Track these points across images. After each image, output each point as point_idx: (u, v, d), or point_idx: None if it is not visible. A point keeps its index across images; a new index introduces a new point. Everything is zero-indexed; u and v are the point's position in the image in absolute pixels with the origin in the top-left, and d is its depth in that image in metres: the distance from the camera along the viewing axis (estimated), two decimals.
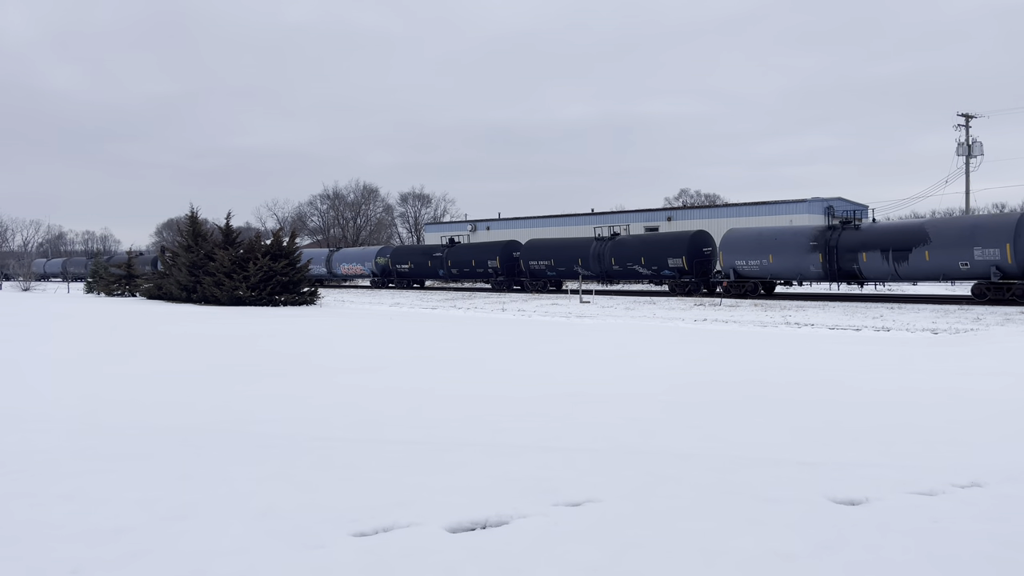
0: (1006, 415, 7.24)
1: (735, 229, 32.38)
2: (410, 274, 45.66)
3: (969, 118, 46.75)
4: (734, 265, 30.12)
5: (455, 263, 41.92)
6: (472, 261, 41.15)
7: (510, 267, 39.89)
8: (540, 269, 38.05)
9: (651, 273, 33.45)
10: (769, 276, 29.51)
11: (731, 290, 30.18)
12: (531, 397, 8.41)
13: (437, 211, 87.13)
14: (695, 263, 31.98)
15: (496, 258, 40.04)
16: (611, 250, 34.94)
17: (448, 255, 42.46)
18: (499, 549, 3.44)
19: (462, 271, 41.85)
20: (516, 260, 39.88)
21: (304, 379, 9.89)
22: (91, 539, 3.52)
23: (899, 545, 3.48)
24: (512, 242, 41.59)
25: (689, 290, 32.10)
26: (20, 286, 49.24)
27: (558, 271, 37.46)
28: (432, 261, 43.45)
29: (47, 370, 10.81)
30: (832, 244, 27.44)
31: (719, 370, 10.34)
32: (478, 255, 41.13)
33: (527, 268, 38.54)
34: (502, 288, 40.24)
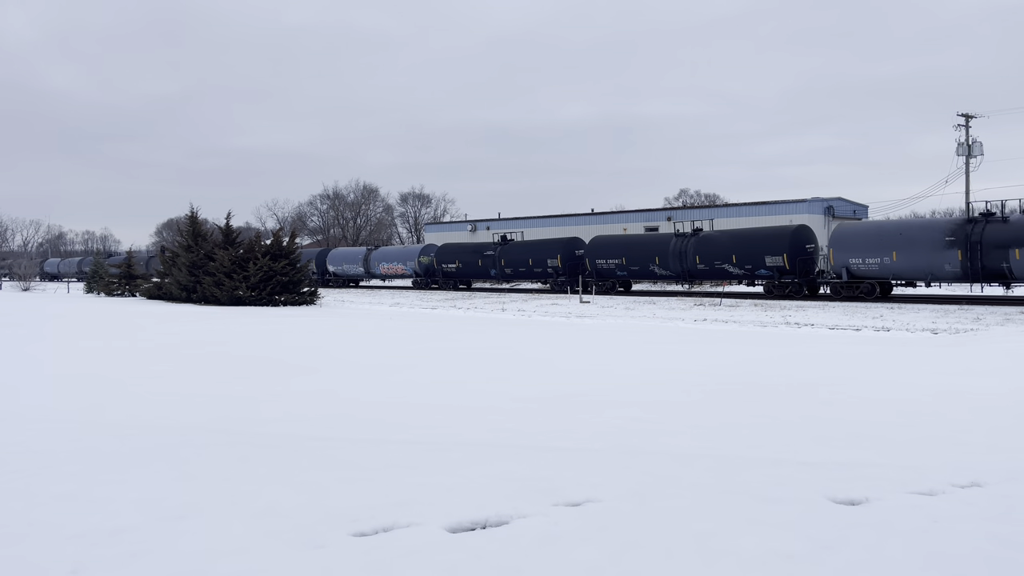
0: (1006, 415, 7.25)
1: (848, 223, 29.63)
2: (457, 274, 42.61)
3: (969, 118, 46.74)
4: (847, 264, 26.49)
5: (509, 262, 38.75)
6: (528, 260, 37.89)
7: (573, 266, 36.31)
8: (608, 268, 34.37)
9: (744, 273, 29.91)
10: (891, 276, 26.12)
11: (841, 292, 26.94)
12: (531, 397, 8.41)
13: (437, 211, 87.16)
14: (797, 261, 28.45)
15: (556, 256, 36.63)
16: (695, 247, 31.27)
17: (501, 253, 39.25)
18: (499, 549, 3.44)
19: (517, 271, 38.70)
20: (580, 259, 36.34)
21: (304, 379, 9.89)
22: (91, 539, 3.52)
23: (899, 545, 3.48)
24: (574, 239, 38.15)
25: (790, 292, 28.68)
26: (20, 286, 49.23)
27: (630, 271, 33.83)
28: (483, 260, 40.25)
29: (47, 370, 10.81)
30: (975, 239, 24.08)
31: (718, 371, 10.34)
32: (535, 253, 37.87)
33: (593, 267, 34.80)
34: (563, 289, 36.59)
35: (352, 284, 50.64)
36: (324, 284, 49.62)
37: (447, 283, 43.38)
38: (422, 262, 44.11)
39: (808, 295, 28.56)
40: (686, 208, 52.80)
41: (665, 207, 58.73)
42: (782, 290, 28.97)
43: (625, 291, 35.38)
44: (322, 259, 51.15)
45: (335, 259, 50.52)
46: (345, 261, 49.79)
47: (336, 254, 51.34)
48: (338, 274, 50.14)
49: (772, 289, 29.33)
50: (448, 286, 43.21)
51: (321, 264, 50.65)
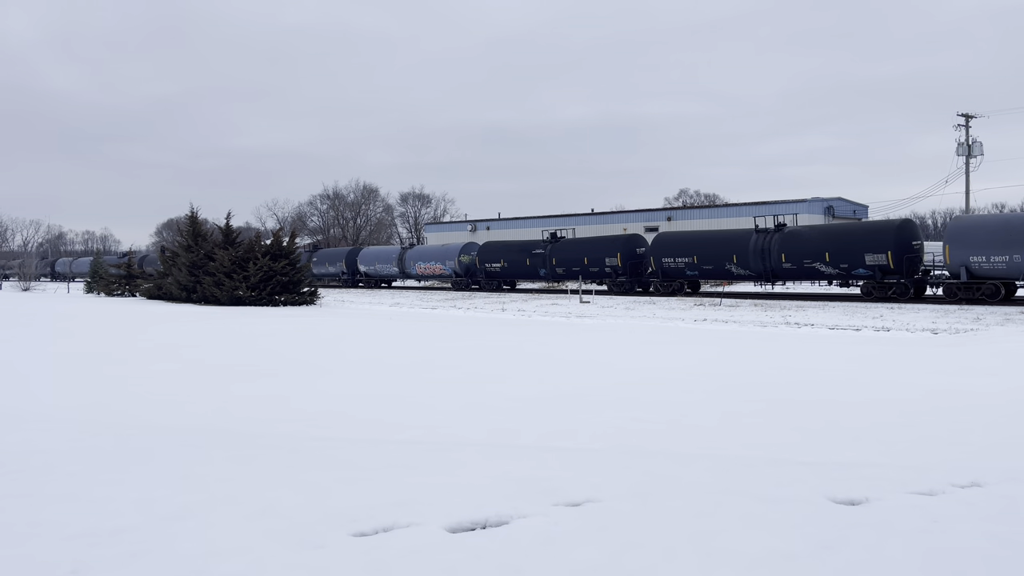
0: (1006, 415, 7.24)
1: (968, 216, 27.44)
2: (502, 274, 39.94)
3: (969, 118, 46.74)
4: (966, 262, 23.76)
5: (561, 261, 36.29)
6: (584, 259, 35.21)
7: (634, 265, 33.87)
8: (677, 268, 31.58)
9: (838, 272, 27.19)
10: (1020, 276, 23.23)
11: (957, 294, 24.09)
12: (531, 397, 8.41)
13: (437, 211, 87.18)
14: (904, 259, 25.85)
15: (616, 255, 33.91)
16: (780, 244, 28.59)
17: (552, 252, 36.79)
18: (499, 549, 3.44)
19: (569, 270, 36.14)
20: (641, 257, 34.01)
21: (304, 379, 9.89)
22: (91, 539, 3.52)
23: (899, 545, 3.48)
24: (635, 236, 35.86)
25: (893, 294, 25.93)
26: (20, 286, 49.20)
27: (702, 270, 31.10)
28: (531, 259, 37.68)
29: (47, 370, 10.81)
30: None
31: (719, 370, 10.34)
32: (592, 251, 35.17)
33: (659, 266, 32.07)
34: (624, 290, 34.13)
35: (384, 284, 48.67)
36: (354, 284, 48.10)
37: (489, 284, 40.71)
38: (462, 261, 41.79)
39: (914, 297, 26.03)
40: (686, 208, 52.79)
41: (665, 207, 58.72)
42: (884, 291, 26.15)
43: (693, 292, 32.84)
44: (353, 258, 48.85)
45: (367, 258, 48.13)
46: (378, 260, 47.45)
47: (368, 253, 49.04)
48: (370, 274, 47.86)
49: (872, 290, 26.51)
50: (490, 287, 40.54)
51: (352, 264, 48.56)
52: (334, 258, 50.27)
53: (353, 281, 48.63)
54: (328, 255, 51.00)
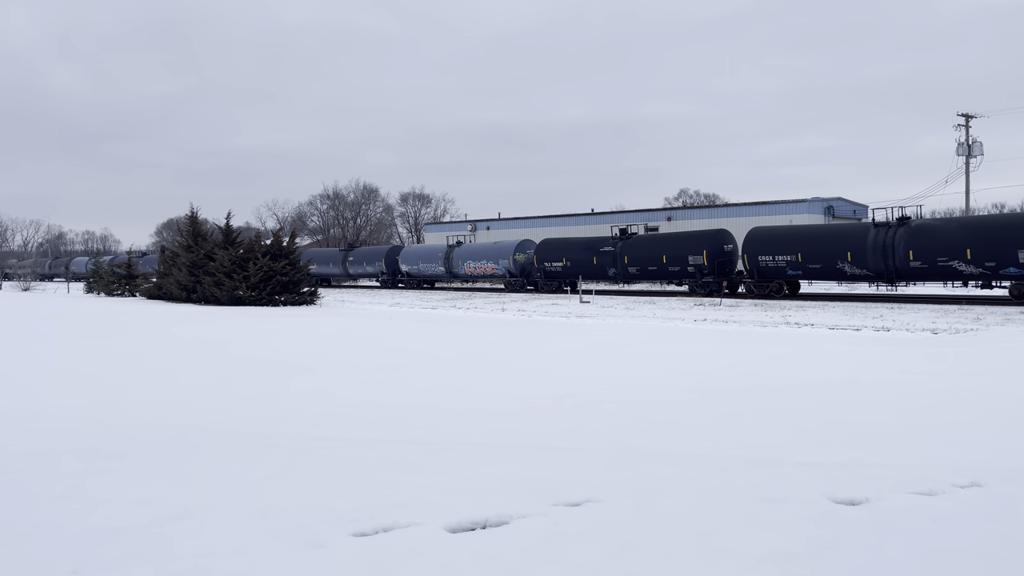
0: (1006, 415, 7.24)
1: None
2: (563, 274, 36.54)
3: (969, 118, 46.74)
4: None
5: (635, 259, 33.04)
6: (662, 256, 31.93)
7: (722, 264, 30.79)
8: (776, 266, 28.35)
9: (981, 272, 23.95)
10: None
11: None
12: (531, 397, 8.41)
13: (437, 211, 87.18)
14: None
15: (702, 252, 30.62)
16: (907, 240, 25.26)
17: (624, 249, 33.55)
18: (499, 549, 3.44)
19: (645, 269, 32.95)
20: (730, 255, 31.12)
21: (303, 379, 9.89)
22: (91, 539, 3.52)
23: (899, 545, 3.48)
24: (722, 231, 32.24)
25: None
26: (20, 286, 49.22)
27: (808, 269, 27.73)
28: (599, 257, 34.45)
29: (47, 370, 10.81)
30: None
31: (718, 371, 10.34)
32: (672, 249, 31.81)
33: (753, 265, 28.94)
34: (709, 291, 30.72)
35: (426, 285, 45.72)
36: (394, 285, 45.77)
37: (548, 284, 37.35)
38: (517, 260, 38.75)
39: None
40: (686, 208, 52.82)
41: (665, 207, 58.74)
42: None
43: (791, 294, 29.16)
44: (393, 257, 46.05)
45: (410, 257, 45.17)
46: (422, 260, 44.39)
47: (411, 252, 46.06)
48: (412, 274, 44.85)
49: None
50: (549, 287, 37.32)
51: (392, 263, 45.86)
52: (372, 257, 47.49)
53: (393, 282, 46.09)
54: (365, 254, 48.34)
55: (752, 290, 29.20)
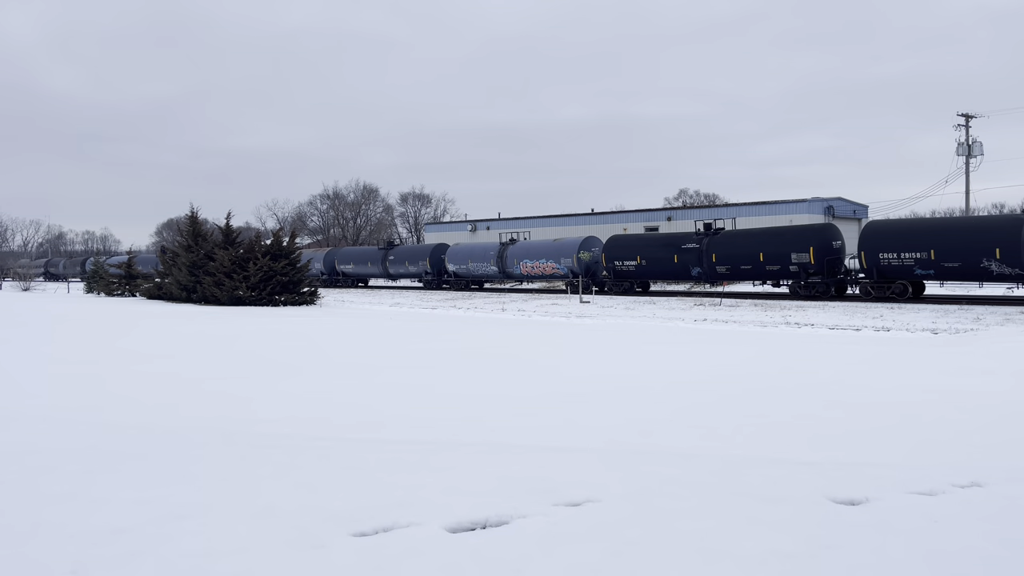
0: (1006, 415, 7.24)
1: None
2: (637, 273, 33.03)
3: (969, 118, 46.74)
4: None
5: (725, 257, 29.55)
6: (759, 254, 28.40)
7: (831, 262, 27.36)
8: (901, 265, 24.85)
9: None
10: None
11: None
12: (531, 397, 8.41)
13: (437, 211, 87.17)
14: None
15: (808, 249, 27.19)
16: None
17: (711, 246, 30.12)
18: (499, 549, 3.44)
19: (736, 268, 29.43)
20: (838, 252, 27.62)
21: (303, 379, 9.89)
22: (91, 539, 3.52)
23: (899, 545, 3.48)
24: (829, 226, 28.77)
25: None
26: (20, 286, 49.21)
27: (942, 268, 24.18)
28: (680, 255, 31.04)
29: (46, 370, 10.81)
30: None
31: (718, 370, 10.34)
32: (772, 245, 28.21)
33: (872, 263, 25.45)
34: (816, 293, 27.22)
35: (475, 286, 42.51)
36: (439, 286, 42.97)
37: (618, 285, 33.67)
38: (582, 259, 35.61)
39: None
40: (686, 208, 52.82)
41: (665, 207, 58.74)
42: None
43: (915, 297, 25.83)
44: (438, 256, 43.17)
45: (458, 256, 42.14)
46: (472, 259, 41.33)
47: (460, 250, 42.63)
48: (460, 274, 41.96)
49: None
50: (619, 289, 33.65)
51: (438, 263, 42.92)
52: (415, 256, 44.70)
53: (438, 283, 43.08)
54: (407, 253, 45.65)
55: (869, 292, 25.69)
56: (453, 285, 42.87)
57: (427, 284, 44.21)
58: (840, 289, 27.56)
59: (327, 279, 49.05)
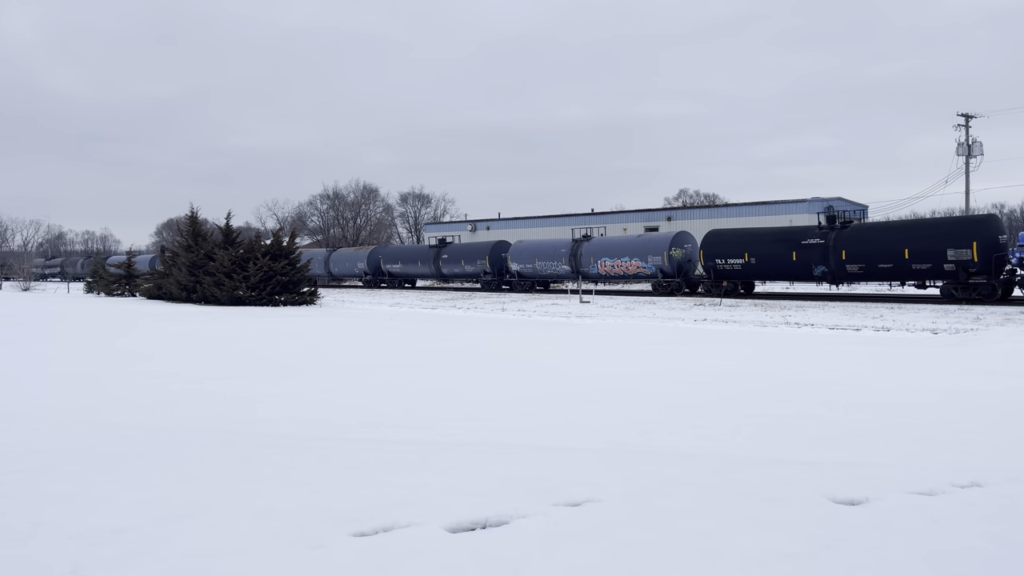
0: (1006, 415, 7.24)
1: None
2: (743, 273, 29.38)
3: (969, 118, 46.74)
4: None
5: (858, 254, 26.05)
6: (903, 251, 24.86)
7: (998, 260, 23.66)
8: None
9: None
10: None
11: None
12: (531, 397, 8.40)
13: (437, 211, 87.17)
14: None
15: (970, 245, 23.49)
16: None
17: (839, 241, 26.59)
18: (499, 549, 3.43)
19: (873, 267, 25.79)
20: (1003, 248, 23.94)
21: (303, 379, 9.89)
22: (91, 539, 3.52)
23: (899, 545, 3.48)
24: (991, 217, 25.30)
25: None
26: (20, 286, 49.20)
27: None
28: (800, 252, 27.49)
29: (46, 370, 10.80)
30: None
31: (718, 371, 10.34)
32: (920, 240, 24.75)
33: None
34: (978, 296, 23.70)
35: (540, 287, 38.90)
36: (499, 287, 39.56)
37: (718, 286, 29.67)
38: (674, 257, 31.70)
39: None
40: (686, 208, 52.82)
41: (665, 207, 58.74)
42: None
43: None
44: (499, 255, 39.31)
45: (523, 254, 37.97)
46: (539, 257, 37.26)
47: (524, 248, 38.31)
48: (526, 274, 38.10)
49: None
50: (719, 291, 29.52)
51: (498, 261, 39.27)
52: (473, 254, 40.77)
53: (499, 283, 39.53)
54: (463, 251, 41.85)
55: None
56: (515, 286, 38.74)
57: (485, 285, 40.54)
58: (1007, 291, 23.62)
59: (370, 279, 47.14)
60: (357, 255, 47.99)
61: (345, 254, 49.94)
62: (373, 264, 47.25)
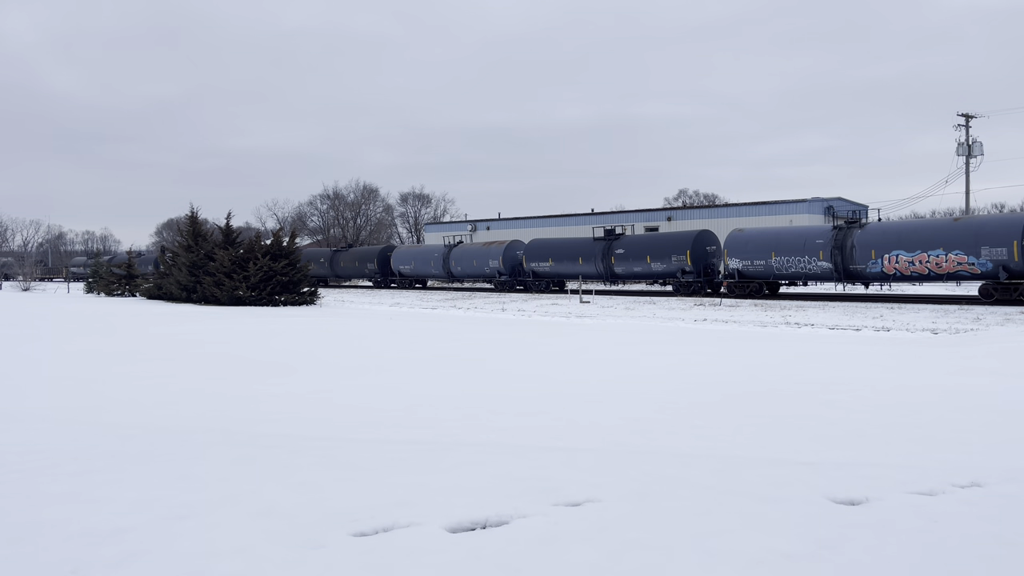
0: (1006, 415, 7.24)
1: None
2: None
3: (969, 118, 46.73)
4: None
5: None
6: None
7: None
8: None
9: None
10: None
11: None
12: (530, 397, 8.40)
13: (437, 211, 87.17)
14: None
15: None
16: None
17: None
18: (499, 549, 3.43)
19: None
20: None
21: (303, 379, 9.89)
22: (91, 539, 3.52)
23: (899, 545, 3.48)
24: None
25: None
26: (20, 286, 49.19)
27: None
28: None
29: (47, 370, 10.80)
30: None
31: (719, 371, 10.33)
32: None
33: None
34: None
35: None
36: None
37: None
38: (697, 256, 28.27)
39: None
40: (686, 208, 52.83)
41: (665, 207, 58.75)
42: None
43: None
44: (702, 248, 31.01)
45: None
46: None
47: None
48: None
49: None
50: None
51: (701, 256, 30.89)
52: (665, 248, 31.80)
53: (703, 287, 30.50)
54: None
55: None
56: (747, 291, 29.04)
57: (680, 289, 31.25)
58: None
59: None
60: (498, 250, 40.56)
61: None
62: (510, 260, 39.51)
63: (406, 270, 44.95)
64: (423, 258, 43.57)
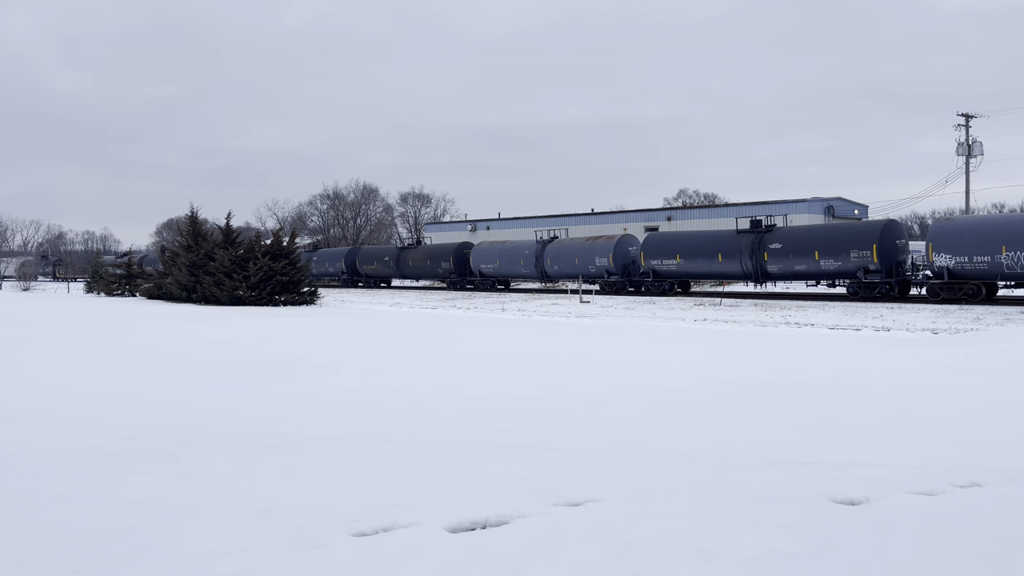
0: (1006, 415, 7.24)
1: None
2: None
3: (969, 118, 46.71)
4: None
5: None
6: None
7: None
8: None
9: None
10: None
11: None
12: (531, 397, 8.40)
13: (437, 211, 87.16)
14: None
15: None
16: None
17: None
18: (499, 549, 3.43)
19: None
20: None
21: (303, 379, 9.89)
22: (91, 539, 3.52)
23: (899, 545, 3.48)
24: None
25: None
26: (20, 286, 49.19)
27: None
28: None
29: (46, 370, 10.80)
30: None
31: (718, 370, 10.33)
32: None
33: None
34: None
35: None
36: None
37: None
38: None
39: None
40: (686, 208, 52.81)
41: (665, 207, 58.73)
42: None
43: None
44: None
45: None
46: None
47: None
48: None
49: None
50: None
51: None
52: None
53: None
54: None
55: None
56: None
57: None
58: None
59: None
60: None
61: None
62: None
63: (488, 270, 39.70)
64: (510, 256, 38.31)
